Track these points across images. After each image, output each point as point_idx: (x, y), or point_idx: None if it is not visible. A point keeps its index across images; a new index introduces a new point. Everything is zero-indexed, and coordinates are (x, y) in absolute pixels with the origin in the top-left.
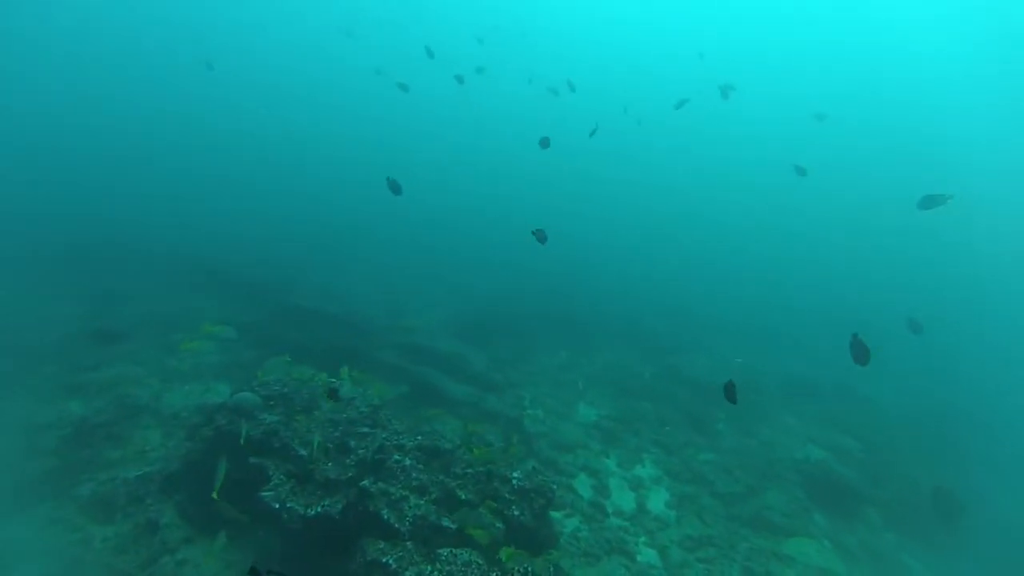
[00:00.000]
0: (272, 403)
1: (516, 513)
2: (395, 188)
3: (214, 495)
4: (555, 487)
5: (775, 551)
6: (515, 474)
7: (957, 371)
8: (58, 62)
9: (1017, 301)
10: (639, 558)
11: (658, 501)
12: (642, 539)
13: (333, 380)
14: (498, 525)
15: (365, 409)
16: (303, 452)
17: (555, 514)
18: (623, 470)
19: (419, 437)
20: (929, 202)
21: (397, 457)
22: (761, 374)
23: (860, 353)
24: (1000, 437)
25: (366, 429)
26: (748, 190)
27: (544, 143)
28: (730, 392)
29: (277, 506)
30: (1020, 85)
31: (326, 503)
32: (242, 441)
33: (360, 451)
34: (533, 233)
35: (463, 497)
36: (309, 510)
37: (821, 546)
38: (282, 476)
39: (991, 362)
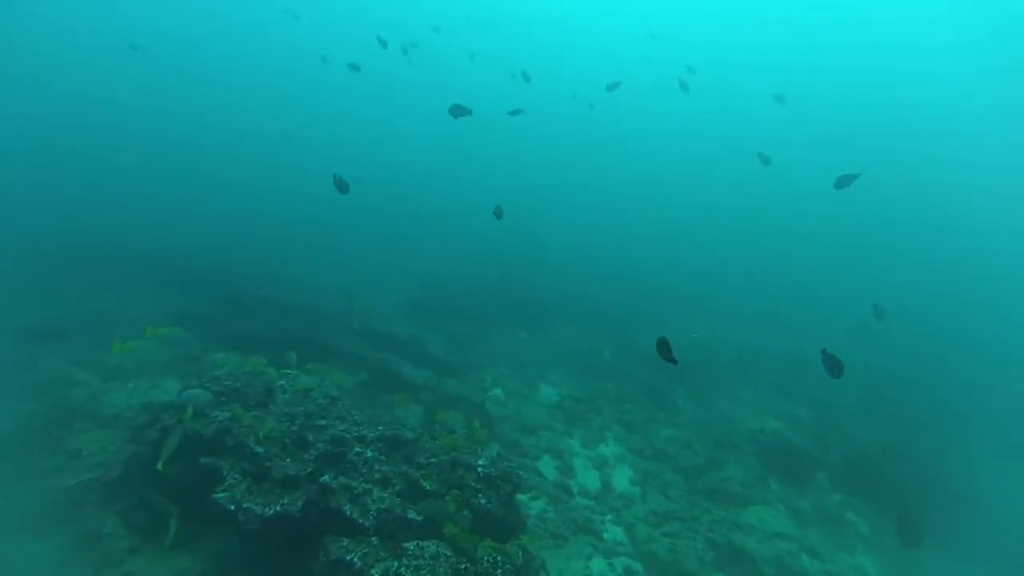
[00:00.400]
0: (224, 399)
1: (483, 501)
2: (342, 187)
3: (159, 466)
4: (521, 473)
5: (735, 521)
6: (480, 461)
7: (900, 339)
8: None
9: (960, 279)
10: (606, 536)
11: (622, 479)
12: (608, 517)
13: (288, 372)
14: (465, 513)
15: (323, 400)
16: (259, 449)
17: (521, 497)
18: (587, 450)
19: (380, 427)
20: (843, 181)
21: (358, 449)
22: (717, 346)
23: (833, 367)
24: (937, 398)
25: (325, 422)
26: (700, 167)
27: (457, 111)
28: (664, 350)
29: (232, 507)
30: (984, 59)
31: (285, 501)
32: (188, 416)
33: (319, 445)
34: (494, 212)
35: (428, 487)
36: (267, 509)
37: (776, 512)
38: (237, 475)
39: (933, 332)
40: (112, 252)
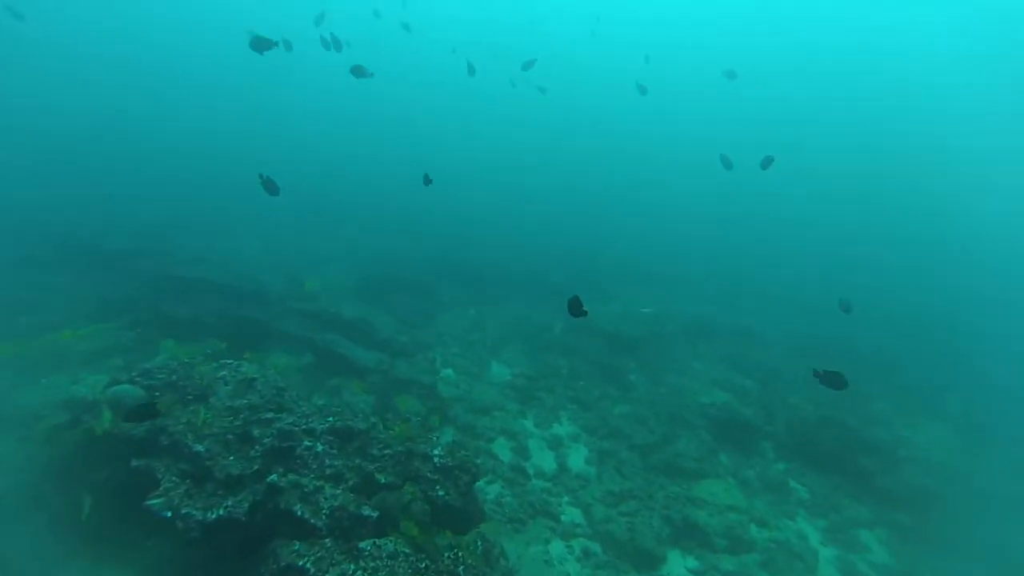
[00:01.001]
0: (158, 394)
1: (441, 493)
2: (271, 188)
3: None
4: (478, 461)
5: (688, 496)
6: (436, 451)
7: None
8: None
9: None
10: (564, 518)
11: (578, 458)
12: (565, 499)
13: (229, 362)
14: (422, 506)
15: (268, 392)
16: (199, 448)
17: (478, 483)
18: (541, 430)
19: (331, 418)
20: (766, 163)
21: (308, 443)
22: (668, 320)
23: (834, 382)
24: (880, 368)
25: (271, 414)
26: (650, 143)
27: (357, 71)
28: (575, 308)
29: (169, 514)
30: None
31: (229, 504)
32: (104, 423)
33: (266, 440)
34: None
35: (383, 480)
36: (209, 514)
37: (727, 484)
38: (174, 478)
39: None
40: (18, 230)
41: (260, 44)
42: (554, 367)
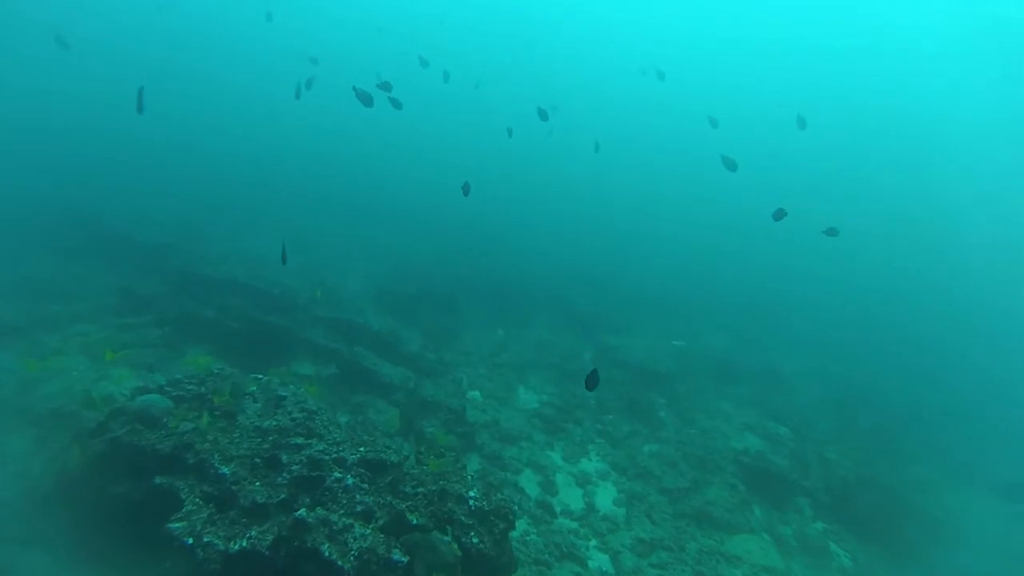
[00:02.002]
0: (185, 406)
1: (475, 540)
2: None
3: None
4: (516, 507)
5: (722, 551)
6: (471, 493)
7: (871, 353)
8: None
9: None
10: (591, 564)
11: (606, 498)
12: (593, 543)
13: (259, 377)
14: (455, 551)
15: (299, 415)
16: (225, 470)
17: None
18: (569, 464)
19: (362, 448)
20: (728, 164)
21: (338, 474)
22: (696, 356)
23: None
24: (911, 419)
25: (300, 440)
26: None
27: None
28: (592, 382)
29: (191, 540)
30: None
31: (253, 535)
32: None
33: (294, 467)
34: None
35: (415, 522)
36: (232, 544)
37: (762, 541)
38: (197, 500)
39: (905, 346)
40: (43, 217)
41: (365, 98)
42: (581, 397)
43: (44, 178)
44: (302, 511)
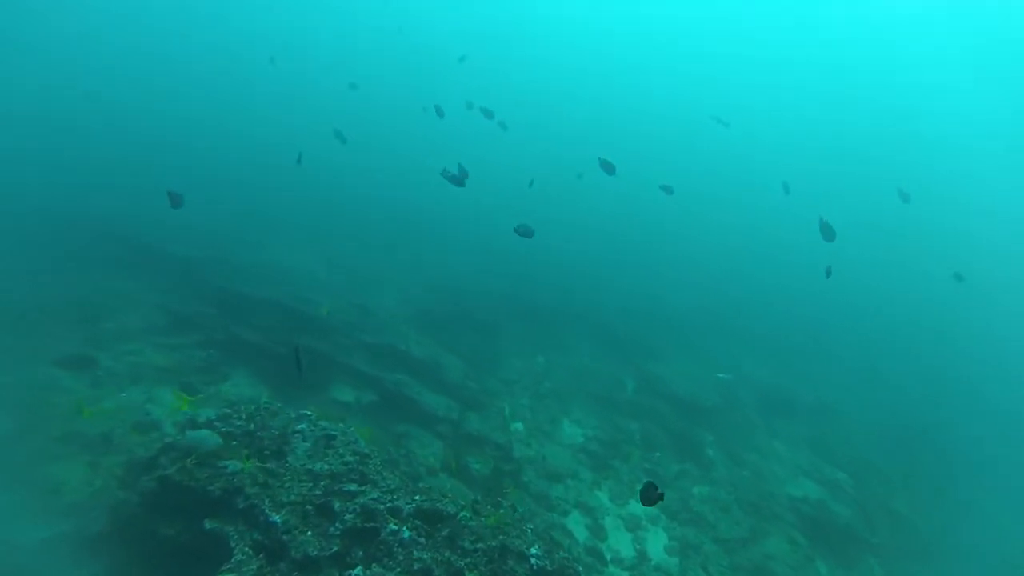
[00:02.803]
0: (235, 444)
1: None
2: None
3: None
4: (580, 569)
5: None
6: (533, 550)
7: (927, 385)
8: None
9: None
10: None
11: (657, 545)
12: None
13: (307, 414)
14: None
15: (351, 458)
16: (276, 518)
17: None
18: (617, 506)
19: (417, 497)
20: (606, 168)
21: (393, 526)
22: (742, 389)
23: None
24: (975, 464)
25: (353, 486)
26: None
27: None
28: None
29: None
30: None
31: None
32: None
33: (347, 516)
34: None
35: None
36: None
37: None
38: (247, 550)
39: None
40: (77, 230)
41: (455, 178)
42: (626, 431)
43: (73, 189)
44: (358, 569)
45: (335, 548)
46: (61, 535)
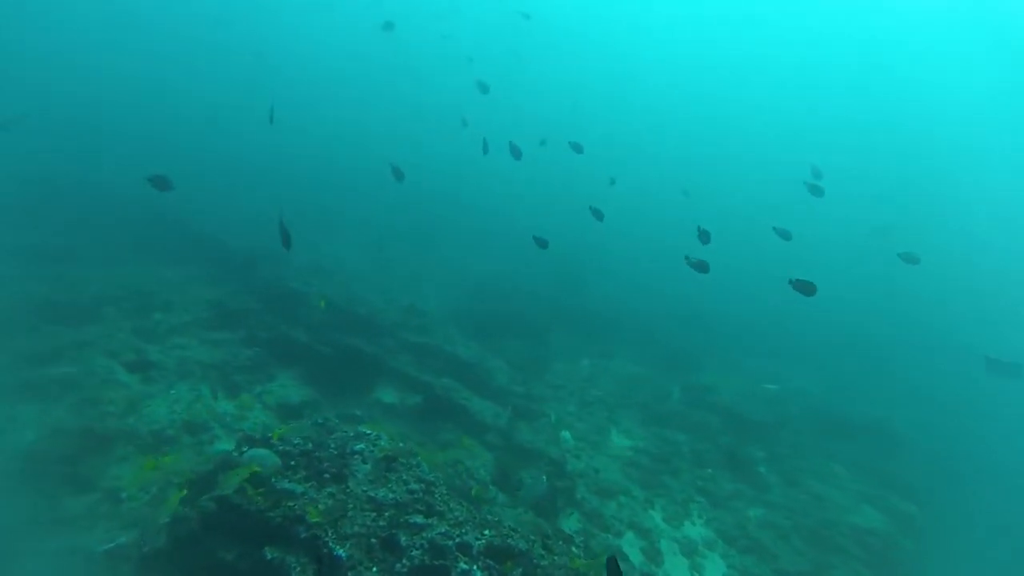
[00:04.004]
0: (293, 464)
1: None
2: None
3: None
4: None
5: None
6: None
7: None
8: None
9: None
10: None
11: (716, 575)
12: None
13: (367, 433)
14: None
15: (416, 486)
16: (341, 552)
17: None
18: (672, 528)
19: (487, 532)
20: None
21: (463, 565)
22: (791, 403)
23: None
24: None
25: (420, 518)
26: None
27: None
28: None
29: None
30: None
31: None
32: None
33: (414, 552)
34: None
35: None
36: None
37: None
38: None
39: None
40: (134, 218)
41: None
42: (674, 443)
43: (130, 176)
44: None
45: None
46: (122, 549)
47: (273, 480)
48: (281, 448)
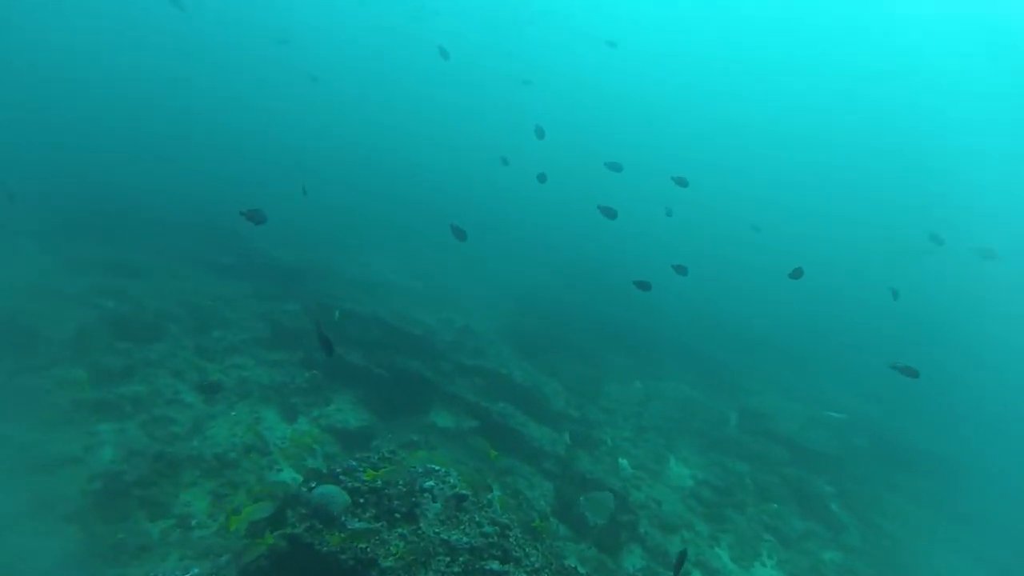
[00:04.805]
0: (363, 502)
1: None
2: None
3: None
4: None
5: None
6: None
7: None
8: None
9: None
10: None
11: None
12: None
13: (436, 469)
14: None
15: (490, 528)
16: None
17: None
18: (742, 569)
19: None
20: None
21: None
22: (855, 432)
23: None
24: None
25: (496, 564)
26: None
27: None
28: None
29: None
30: None
31: None
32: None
33: None
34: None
35: None
36: None
37: None
38: None
39: None
40: (192, 230)
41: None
42: (736, 474)
43: (191, 188)
44: None
45: None
46: None
47: (344, 519)
48: (350, 484)
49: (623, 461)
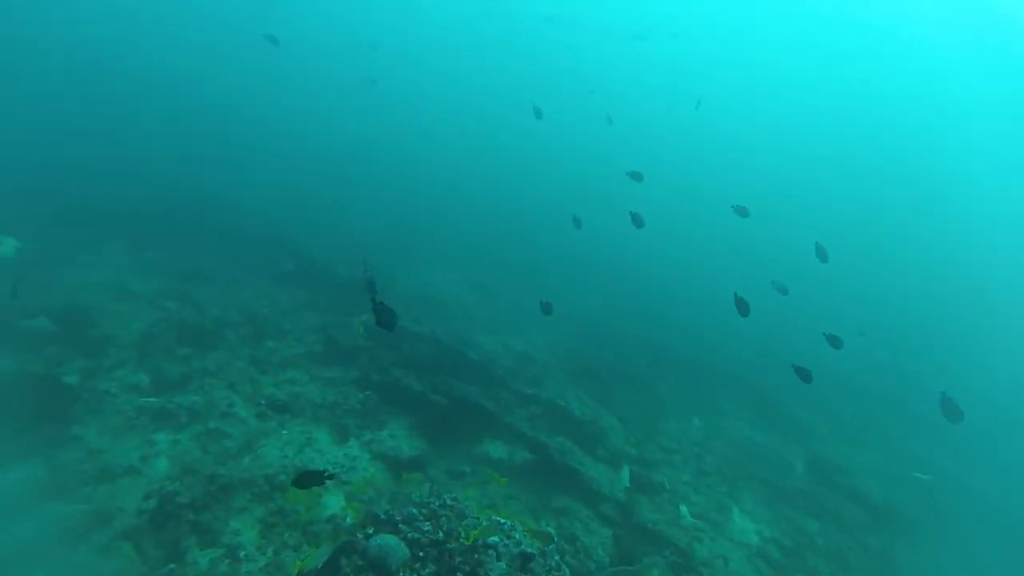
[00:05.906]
0: (423, 556)
1: None
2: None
3: None
4: None
5: None
6: None
7: None
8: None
9: None
10: None
11: None
12: None
13: (502, 522)
14: None
15: None
16: None
17: None
18: None
19: None
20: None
21: None
22: (944, 494)
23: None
24: None
25: None
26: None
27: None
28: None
29: None
30: None
31: None
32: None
33: None
34: None
35: None
36: None
37: None
38: None
39: None
40: (240, 235)
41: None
42: (807, 533)
43: (266, 204)
44: None
45: None
46: None
47: (401, 573)
48: (410, 536)
49: (683, 508)
